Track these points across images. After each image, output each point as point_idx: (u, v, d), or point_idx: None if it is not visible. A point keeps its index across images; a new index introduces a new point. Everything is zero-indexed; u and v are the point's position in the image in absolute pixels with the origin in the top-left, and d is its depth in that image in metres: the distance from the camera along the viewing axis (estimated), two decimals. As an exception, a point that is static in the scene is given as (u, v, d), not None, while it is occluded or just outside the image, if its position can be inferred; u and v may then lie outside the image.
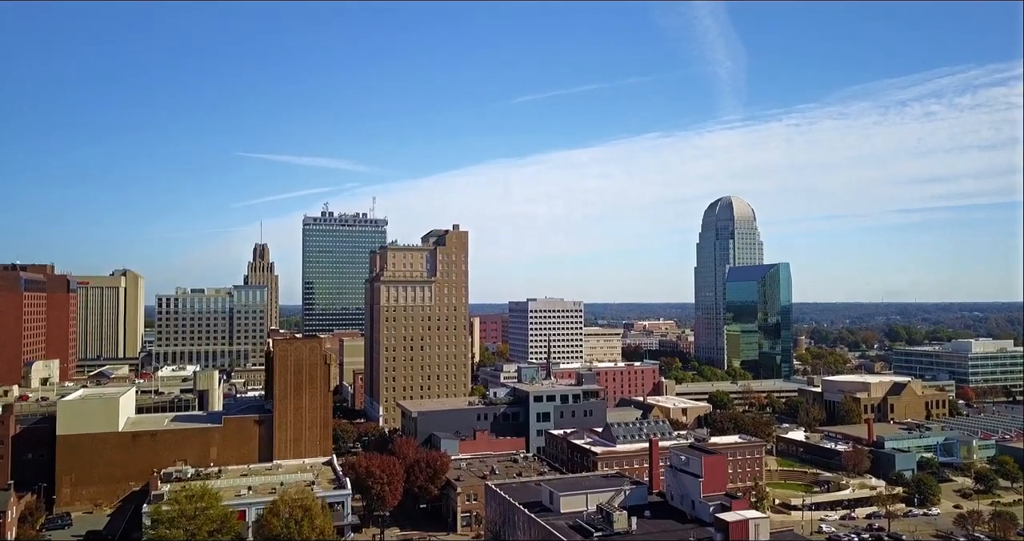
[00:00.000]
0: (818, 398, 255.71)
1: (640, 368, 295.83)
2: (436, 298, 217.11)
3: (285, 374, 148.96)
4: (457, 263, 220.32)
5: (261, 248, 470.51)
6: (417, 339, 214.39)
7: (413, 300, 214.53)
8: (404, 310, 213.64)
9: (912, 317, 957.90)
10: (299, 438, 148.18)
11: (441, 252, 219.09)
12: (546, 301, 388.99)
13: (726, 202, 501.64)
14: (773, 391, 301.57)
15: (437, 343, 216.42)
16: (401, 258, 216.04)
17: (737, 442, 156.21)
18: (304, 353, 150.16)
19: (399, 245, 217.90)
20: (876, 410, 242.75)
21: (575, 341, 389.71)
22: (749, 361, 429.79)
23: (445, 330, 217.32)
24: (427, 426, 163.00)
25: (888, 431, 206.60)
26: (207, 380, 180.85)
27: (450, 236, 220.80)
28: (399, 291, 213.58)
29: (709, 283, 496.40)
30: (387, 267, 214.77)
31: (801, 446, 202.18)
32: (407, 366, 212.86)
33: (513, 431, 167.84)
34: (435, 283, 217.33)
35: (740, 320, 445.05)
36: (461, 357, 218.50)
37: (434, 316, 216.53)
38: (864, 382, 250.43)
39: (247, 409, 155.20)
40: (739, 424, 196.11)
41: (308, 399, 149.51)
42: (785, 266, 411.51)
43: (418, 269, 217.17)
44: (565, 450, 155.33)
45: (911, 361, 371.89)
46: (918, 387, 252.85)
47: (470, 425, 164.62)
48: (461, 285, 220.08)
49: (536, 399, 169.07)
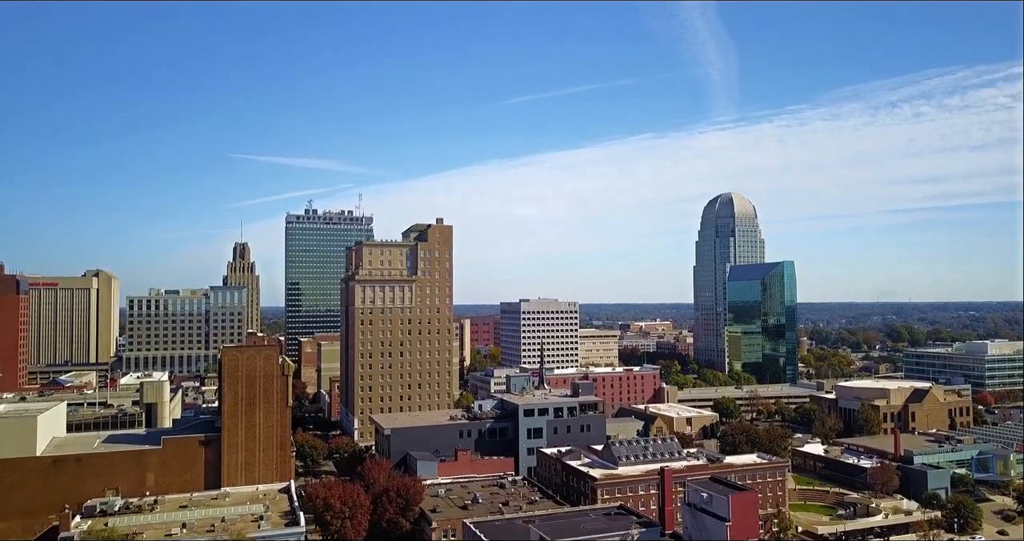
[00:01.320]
0: (833, 405, 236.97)
1: (640, 373, 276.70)
2: (417, 299, 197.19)
3: (235, 387, 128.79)
4: (440, 260, 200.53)
5: (241, 247, 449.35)
6: (396, 344, 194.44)
7: (391, 301, 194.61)
8: (381, 312, 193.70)
9: (908, 317, 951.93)
10: (252, 461, 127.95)
11: (423, 248, 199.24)
12: (539, 302, 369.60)
13: (726, 198, 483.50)
14: (782, 397, 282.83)
15: (418, 348, 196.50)
16: (378, 255, 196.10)
17: (756, 463, 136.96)
18: (258, 362, 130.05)
19: (376, 241, 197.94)
20: (896, 419, 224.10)
21: (570, 344, 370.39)
22: (751, 364, 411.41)
23: (427, 334, 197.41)
24: (402, 444, 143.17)
25: (914, 444, 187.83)
26: (155, 391, 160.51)
27: (432, 231, 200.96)
28: (376, 291, 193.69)
29: (709, 282, 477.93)
30: (362, 265, 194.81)
31: (820, 461, 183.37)
32: (385, 374, 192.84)
33: (501, 449, 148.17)
34: (416, 282, 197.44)
35: (741, 321, 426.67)
36: (445, 364, 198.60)
37: (415, 318, 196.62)
38: (882, 388, 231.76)
39: (195, 427, 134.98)
40: (752, 438, 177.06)
41: (263, 416, 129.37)
42: (789, 264, 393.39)
43: (397, 267, 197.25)
44: (559, 472, 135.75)
45: (923, 364, 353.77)
46: (940, 393, 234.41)
47: (452, 443, 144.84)
48: (445, 284, 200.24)
49: (526, 413, 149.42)
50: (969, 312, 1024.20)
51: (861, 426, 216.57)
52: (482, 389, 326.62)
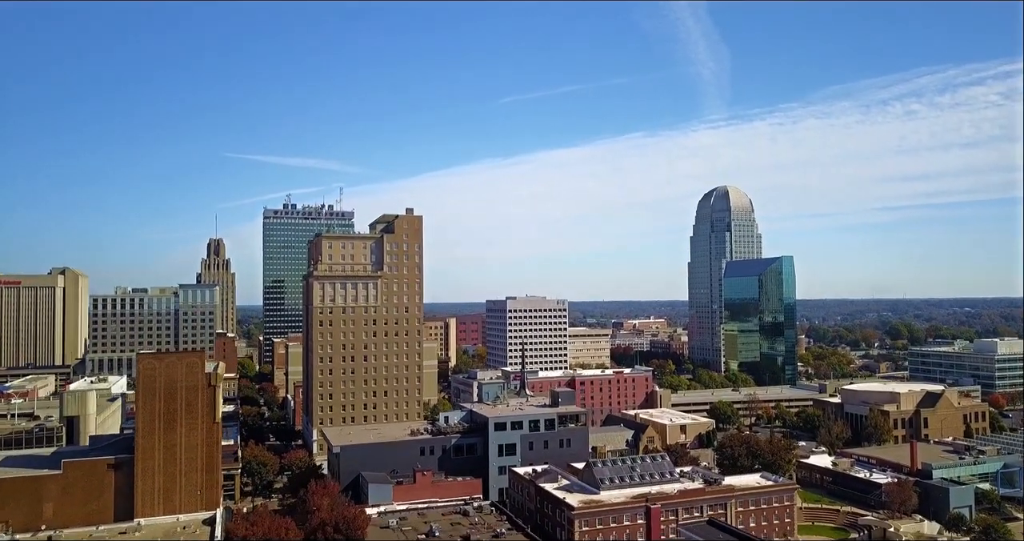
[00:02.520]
0: (838, 411, 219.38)
1: (631, 376, 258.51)
2: (383, 297, 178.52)
3: (152, 401, 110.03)
4: (410, 254, 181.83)
5: (216, 243, 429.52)
6: (359, 347, 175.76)
7: (354, 299, 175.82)
8: (343, 311, 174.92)
9: (904, 313, 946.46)
10: (171, 487, 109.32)
11: (389, 241, 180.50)
12: (526, 300, 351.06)
13: (722, 192, 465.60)
14: (782, 400, 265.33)
15: (384, 352, 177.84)
16: (339, 248, 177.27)
17: (760, 485, 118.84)
18: (179, 372, 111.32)
19: (336, 233, 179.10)
20: (907, 425, 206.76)
21: (558, 343, 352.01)
22: (748, 363, 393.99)
23: (394, 335, 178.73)
24: (353, 464, 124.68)
25: (931, 455, 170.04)
26: (78, 402, 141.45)
27: (400, 222, 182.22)
28: (336, 288, 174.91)
29: (704, 279, 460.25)
30: (321, 259, 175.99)
31: (828, 474, 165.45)
32: (347, 380, 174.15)
33: (469, 468, 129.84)
34: (382, 278, 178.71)
35: (738, 319, 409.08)
36: (415, 369, 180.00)
37: (380, 318, 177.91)
38: (891, 392, 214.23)
39: (109, 447, 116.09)
40: (752, 450, 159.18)
41: (185, 434, 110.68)
42: (788, 259, 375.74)
43: (360, 262, 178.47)
44: (533, 496, 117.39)
45: (928, 363, 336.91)
46: (954, 397, 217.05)
47: (412, 461, 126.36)
48: (414, 280, 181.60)
49: (497, 427, 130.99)
50: (964, 308, 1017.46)
51: (870, 434, 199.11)
52: (464, 392, 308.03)
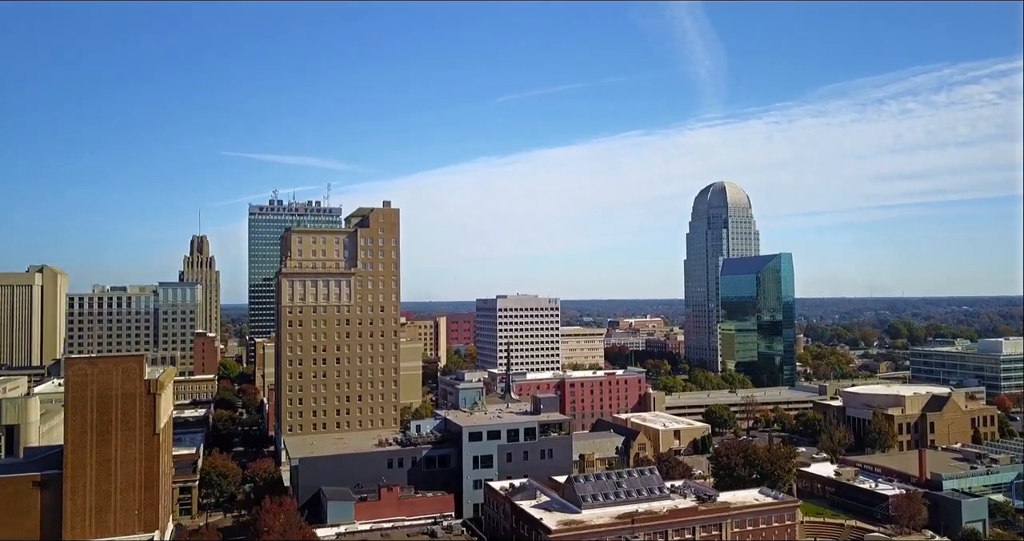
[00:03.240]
0: (840, 414, 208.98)
1: (623, 377, 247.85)
2: (357, 295, 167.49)
3: (83, 411, 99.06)
4: (386, 250, 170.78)
5: (199, 240, 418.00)
6: (331, 349, 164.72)
7: (325, 298, 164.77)
8: (313, 311, 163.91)
9: (901, 312, 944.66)
10: (105, 506, 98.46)
11: (364, 236, 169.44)
12: (517, 298, 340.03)
13: (719, 187, 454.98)
14: (780, 403, 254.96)
15: (358, 354, 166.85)
16: (310, 244, 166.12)
17: (759, 503, 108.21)
18: (115, 379, 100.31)
19: (307, 227, 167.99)
20: (913, 430, 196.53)
21: (550, 343, 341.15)
22: (745, 363, 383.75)
23: (368, 336, 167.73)
24: (313, 478, 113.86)
25: (940, 463, 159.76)
26: (19, 410, 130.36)
27: (375, 215, 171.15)
28: (307, 286, 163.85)
29: (700, 277, 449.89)
30: (291, 255, 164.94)
31: (831, 485, 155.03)
32: (318, 384, 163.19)
33: (441, 482, 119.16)
34: (355, 276, 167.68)
35: (735, 317, 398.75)
36: (391, 372, 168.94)
37: (354, 318, 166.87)
38: (896, 395, 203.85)
39: (40, 461, 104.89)
40: (750, 459, 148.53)
41: (120, 448, 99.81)
42: (786, 256, 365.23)
43: (333, 258, 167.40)
44: (509, 515, 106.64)
45: (931, 364, 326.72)
46: (961, 400, 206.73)
47: (379, 475, 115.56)
48: (391, 278, 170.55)
49: (472, 436, 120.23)
50: (963, 307, 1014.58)
51: (874, 439, 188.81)
52: (452, 394, 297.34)
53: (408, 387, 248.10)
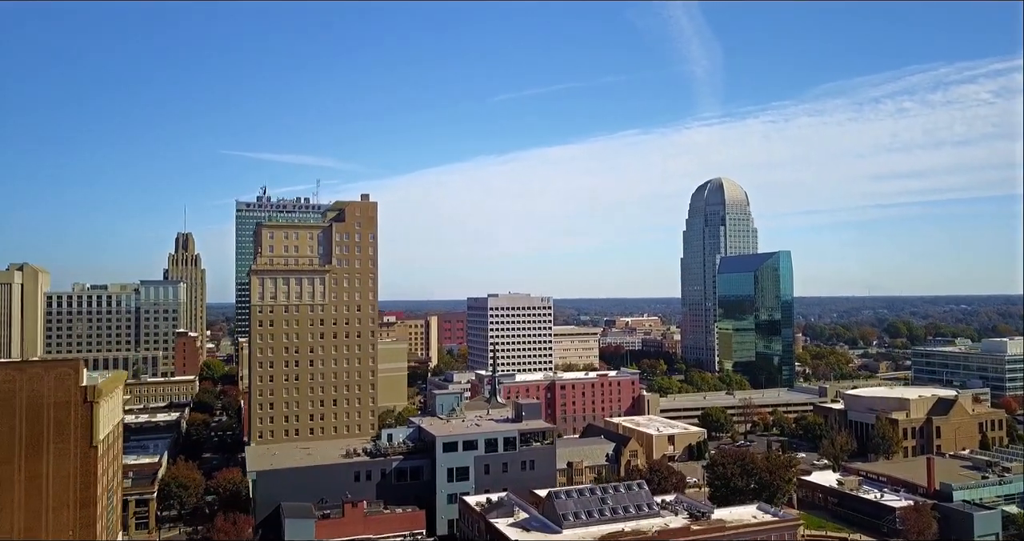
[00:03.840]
0: (841, 418, 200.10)
1: (616, 379, 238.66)
2: (332, 293, 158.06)
3: (11, 422, 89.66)
4: (362, 246, 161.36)
5: (184, 238, 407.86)
6: (304, 351, 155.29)
7: (298, 296, 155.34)
8: (285, 310, 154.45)
9: (900, 311, 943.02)
10: (35, 526, 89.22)
11: (339, 231, 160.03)
12: (508, 297, 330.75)
13: (716, 184, 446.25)
14: (779, 405, 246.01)
15: (333, 356, 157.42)
16: (281, 239, 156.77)
17: (758, 521, 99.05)
18: (46, 386, 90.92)
19: (279, 221, 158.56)
20: (918, 435, 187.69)
21: (543, 343, 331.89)
22: (743, 363, 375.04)
23: (344, 337, 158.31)
24: (272, 492, 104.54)
25: (949, 472, 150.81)
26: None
27: (351, 209, 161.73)
28: (278, 284, 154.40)
29: (697, 275, 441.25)
30: (261, 251, 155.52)
31: (833, 495, 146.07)
32: (289, 389, 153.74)
33: (413, 496, 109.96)
34: (330, 273, 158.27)
35: (732, 316, 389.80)
36: (367, 375, 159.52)
37: (328, 318, 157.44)
38: (900, 398, 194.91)
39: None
40: (747, 468, 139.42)
41: (53, 463, 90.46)
42: (785, 254, 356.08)
43: (306, 254, 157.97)
44: (483, 534, 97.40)
45: (933, 364, 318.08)
46: (968, 403, 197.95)
47: (345, 489, 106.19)
48: (368, 275, 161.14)
49: (447, 447, 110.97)
50: (961, 306, 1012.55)
51: (877, 445, 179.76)
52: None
53: (393, 389, 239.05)
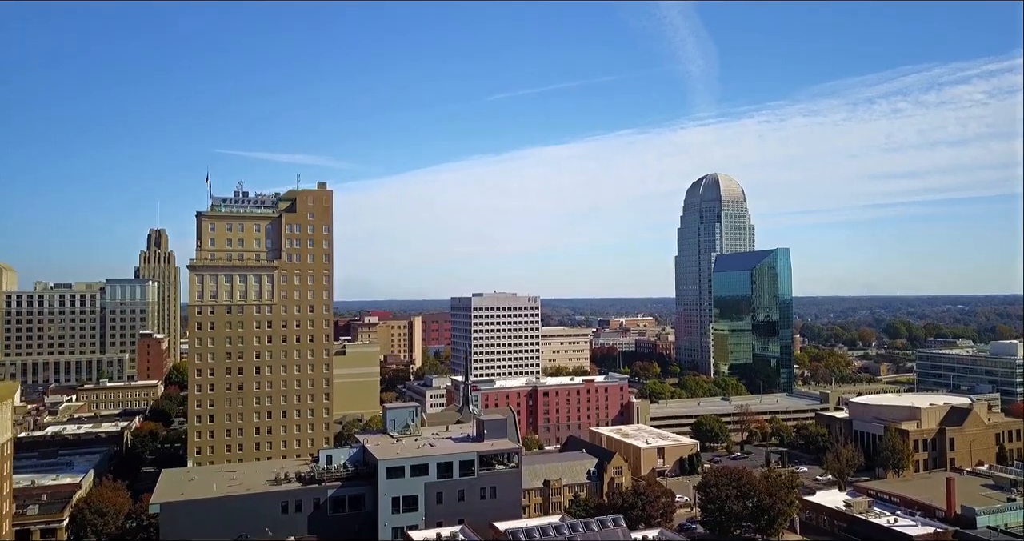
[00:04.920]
0: (846, 428, 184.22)
1: (604, 385, 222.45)
2: (281, 292, 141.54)
3: None
4: (316, 239, 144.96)
5: (157, 234, 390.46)
6: (249, 357, 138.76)
7: (242, 295, 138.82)
8: (227, 311, 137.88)
9: (896, 311, 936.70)
10: None
11: (289, 222, 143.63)
12: (493, 297, 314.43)
13: (711, 180, 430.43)
14: (778, 412, 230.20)
15: (282, 362, 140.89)
16: (224, 230, 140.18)
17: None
18: None
19: (222, 211, 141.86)
20: (930, 447, 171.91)
21: (530, 345, 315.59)
22: (739, 365, 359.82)
23: (295, 341, 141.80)
24: (180, 528, 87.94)
25: (967, 491, 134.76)
26: None
27: (303, 198, 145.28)
28: (220, 282, 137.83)
29: (692, 274, 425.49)
30: (201, 244, 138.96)
31: (841, 518, 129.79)
32: (232, 399, 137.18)
33: (353, 530, 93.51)
34: (279, 269, 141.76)
35: (729, 317, 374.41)
36: (321, 383, 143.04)
37: (276, 320, 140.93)
38: (910, 407, 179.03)
39: None
40: (744, 490, 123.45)
41: None
42: (784, 252, 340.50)
43: (252, 248, 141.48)
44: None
45: (939, 367, 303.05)
46: (984, 412, 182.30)
47: (270, 522, 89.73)
48: (321, 272, 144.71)
49: (392, 472, 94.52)
50: (958, 306, 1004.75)
51: (886, 458, 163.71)
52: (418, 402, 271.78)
53: (364, 396, 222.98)
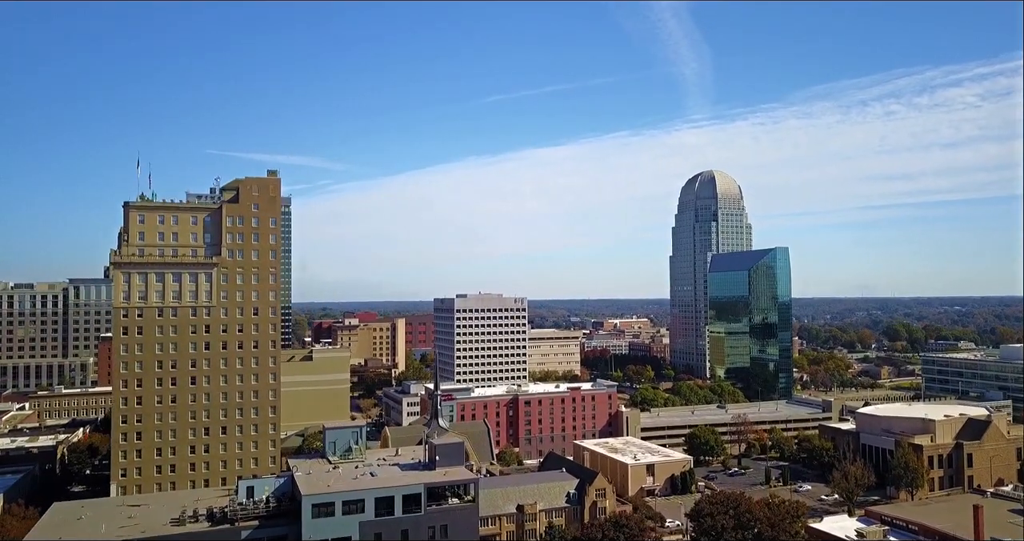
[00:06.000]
0: (853, 441, 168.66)
1: (591, 393, 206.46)
2: (221, 292, 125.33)
3: None
4: (262, 233, 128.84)
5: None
6: (183, 366, 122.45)
7: (175, 296, 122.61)
8: (158, 314, 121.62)
9: (893, 312, 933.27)
10: None
11: (232, 214, 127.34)
12: (478, 298, 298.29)
13: (707, 177, 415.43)
14: (777, 422, 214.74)
15: (222, 371, 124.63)
16: (155, 223, 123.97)
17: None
18: None
19: (154, 201, 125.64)
20: (946, 464, 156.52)
21: (516, 349, 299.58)
22: (736, 369, 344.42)
23: (237, 348, 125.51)
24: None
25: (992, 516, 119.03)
26: None
27: (247, 187, 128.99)
28: (149, 280, 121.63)
29: (687, 274, 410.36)
30: (128, 238, 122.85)
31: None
32: (162, 414, 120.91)
33: (273, 579, 77.16)
34: (219, 267, 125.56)
35: (725, 319, 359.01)
36: (267, 396, 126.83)
37: (215, 324, 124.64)
38: (924, 419, 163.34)
39: None
40: (743, 519, 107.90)
41: None
42: (783, 251, 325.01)
43: (188, 243, 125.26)
44: None
45: (946, 372, 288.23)
46: (1003, 424, 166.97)
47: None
48: (268, 270, 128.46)
49: (319, 510, 78.35)
50: (955, 307, 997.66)
51: (899, 477, 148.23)
52: (394, 410, 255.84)
53: (333, 405, 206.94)
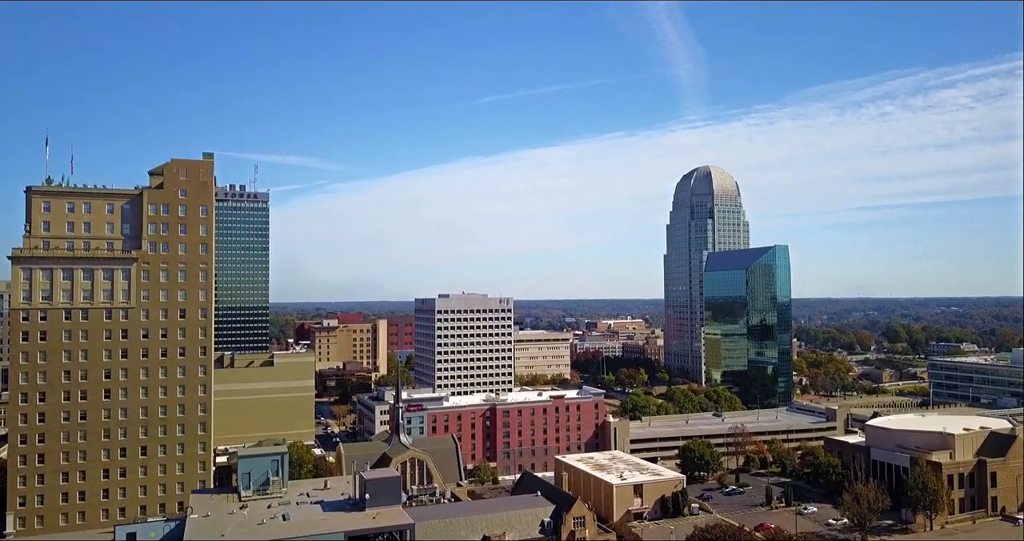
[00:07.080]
0: (863, 457, 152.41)
1: (575, 401, 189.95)
2: (142, 292, 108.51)
3: None
4: (191, 223, 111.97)
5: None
6: (96, 378, 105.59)
7: (87, 296, 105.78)
8: (66, 316, 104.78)
9: (890, 313, 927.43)
10: None
11: (154, 201, 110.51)
12: (461, 299, 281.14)
13: (703, 172, 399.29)
14: (778, 433, 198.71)
15: (142, 382, 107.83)
16: (64, 212, 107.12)
17: None
18: None
19: (63, 186, 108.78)
20: (967, 483, 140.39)
21: (501, 352, 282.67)
22: (733, 372, 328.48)
23: (160, 356, 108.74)
24: None
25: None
26: None
27: (173, 170, 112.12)
28: (56, 278, 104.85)
29: (682, 274, 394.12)
30: (31, 229, 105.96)
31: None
32: (70, 433, 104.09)
33: None
34: (138, 262, 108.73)
35: (721, 320, 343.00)
36: (196, 411, 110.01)
37: (135, 328, 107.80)
38: (941, 432, 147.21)
39: None
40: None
41: None
42: (782, 250, 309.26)
43: (103, 234, 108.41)
44: None
45: (954, 377, 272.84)
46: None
47: None
48: (197, 266, 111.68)
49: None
50: (952, 308, 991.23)
51: (917, 499, 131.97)
52: (368, 419, 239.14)
53: (296, 414, 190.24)
